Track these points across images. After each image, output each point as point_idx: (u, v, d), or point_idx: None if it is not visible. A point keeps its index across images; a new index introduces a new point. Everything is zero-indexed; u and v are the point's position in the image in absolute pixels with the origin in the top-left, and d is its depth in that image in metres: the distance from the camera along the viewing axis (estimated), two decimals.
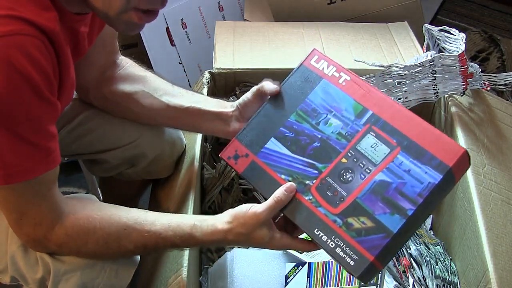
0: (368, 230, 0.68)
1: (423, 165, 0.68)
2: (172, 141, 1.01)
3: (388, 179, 0.70)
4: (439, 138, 0.69)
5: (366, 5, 1.45)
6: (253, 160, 0.77)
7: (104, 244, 0.71)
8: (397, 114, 0.72)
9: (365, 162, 0.72)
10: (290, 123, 0.78)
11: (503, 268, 0.80)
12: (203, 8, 1.62)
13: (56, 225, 0.70)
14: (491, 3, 2.22)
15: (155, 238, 0.72)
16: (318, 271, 0.87)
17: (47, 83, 0.63)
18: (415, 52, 1.25)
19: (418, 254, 0.95)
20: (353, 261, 0.67)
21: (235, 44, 1.26)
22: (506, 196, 0.92)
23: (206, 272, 0.97)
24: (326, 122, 0.76)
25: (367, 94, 0.75)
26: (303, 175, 0.74)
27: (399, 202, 0.68)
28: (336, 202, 0.71)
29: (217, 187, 1.06)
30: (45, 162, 0.67)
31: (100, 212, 0.73)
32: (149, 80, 0.92)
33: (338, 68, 0.78)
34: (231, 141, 0.80)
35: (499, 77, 1.18)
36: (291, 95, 0.80)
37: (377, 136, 0.72)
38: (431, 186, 0.67)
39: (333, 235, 0.69)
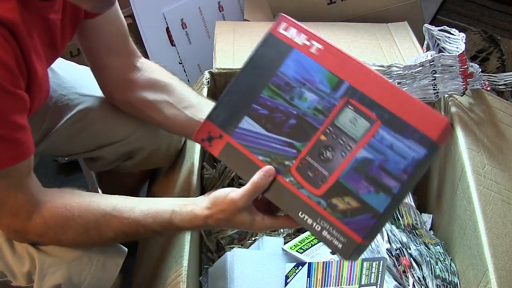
0: (354, 210, 0.65)
1: (406, 140, 0.64)
2: (169, 134, 1.00)
3: (370, 156, 0.66)
4: (420, 109, 0.65)
5: (366, 5, 1.45)
6: (228, 141, 0.72)
7: (84, 231, 0.71)
8: (376, 84, 0.67)
9: (345, 138, 0.67)
10: (263, 99, 0.72)
11: (503, 268, 0.80)
12: (203, 8, 1.62)
13: (33, 215, 0.70)
14: (491, 3, 2.21)
15: (135, 225, 0.72)
16: (318, 271, 0.87)
17: (8, 75, 0.61)
18: (415, 52, 1.25)
19: (418, 254, 0.95)
20: (340, 243, 0.65)
21: (235, 44, 1.26)
22: (506, 196, 0.92)
23: (206, 272, 0.97)
24: (301, 97, 0.70)
25: (342, 63, 0.70)
26: (282, 155, 0.70)
27: (383, 180, 0.64)
28: (318, 183, 0.67)
29: (217, 187, 1.06)
30: (14, 154, 0.66)
31: (78, 200, 0.72)
32: (174, 90, 0.91)
33: (309, 36, 0.72)
34: (203, 122, 0.74)
35: (499, 77, 1.18)
36: (261, 68, 0.73)
37: (356, 110, 0.68)
38: (416, 162, 0.64)
39: (318, 217, 0.66)
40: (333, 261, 0.86)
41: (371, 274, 0.84)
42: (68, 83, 0.93)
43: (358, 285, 0.87)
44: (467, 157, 0.95)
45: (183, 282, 0.75)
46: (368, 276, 0.84)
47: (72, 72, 0.88)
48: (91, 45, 0.86)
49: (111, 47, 0.87)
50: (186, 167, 0.99)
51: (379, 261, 0.84)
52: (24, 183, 0.69)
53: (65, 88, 0.93)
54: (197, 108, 0.90)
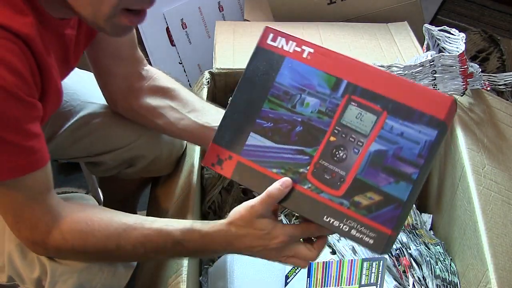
0: (378, 204, 0.65)
1: (415, 125, 0.65)
2: (171, 142, 1.00)
3: (383, 147, 0.66)
4: (422, 92, 0.65)
5: (366, 5, 1.45)
6: (239, 160, 0.72)
7: (102, 247, 0.70)
8: (373, 77, 0.68)
9: (354, 135, 0.67)
10: (265, 112, 0.72)
11: (503, 268, 0.80)
12: (203, 8, 1.62)
13: (53, 229, 0.69)
14: (491, 3, 2.22)
15: (155, 235, 0.70)
16: (318, 271, 0.87)
17: (22, 84, 0.61)
18: (415, 52, 1.25)
19: (418, 254, 0.95)
20: (371, 239, 0.65)
21: (235, 44, 1.26)
22: (506, 196, 0.92)
23: (206, 272, 0.97)
24: (302, 103, 0.70)
25: (335, 63, 0.70)
26: (295, 163, 0.69)
27: (401, 169, 0.65)
28: (337, 184, 0.67)
29: (217, 187, 1.06)
30: (29, 162, 0.66)
31: (99, 215, 0.72)
32: (177, 95, 0.91)
33: (298, 42, 0.72)
34: (209, 147, 0.74)
35: (499, 77, 1.18)
36: (256, 82, 0.73)
37: (359, 105, 0.68)
38: (429, 144, 0.64)
39: (344, 218, 0.66)
40: (333, 261, 0.86)
41: (371, 274, 0.84)
42: (70, 89, 0.93)
43: (358, 285, 0.87)
44: (467, 157, 0.95)
45: (183, 282, 0.75)
46: (368, 276, 0.84)
47: (74, 78, 0.88)
48: (99, 54, 0.86)
49: (119, 55, 0.87)
50: (186, 167, 0.99)
51: (379, 261, 0.84)
52: (43, 195, 0.69)
53: (68, 94, 0.93)
54: (200, 112, 0.89)
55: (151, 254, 0.72)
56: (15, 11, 0.60)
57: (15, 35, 0.60)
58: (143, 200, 1.38)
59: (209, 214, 1.08)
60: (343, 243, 0.97)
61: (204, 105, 0.91)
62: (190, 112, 0.89)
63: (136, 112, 0.91)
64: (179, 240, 0.70)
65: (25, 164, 0.65)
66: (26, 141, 0.64)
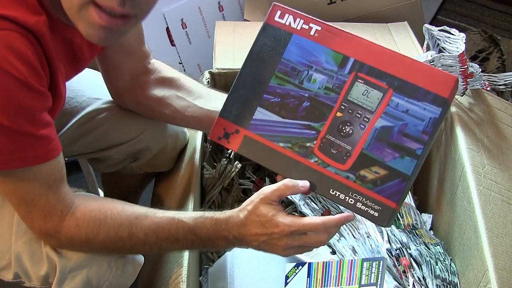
0: (383, 178, 0.67)
1: (420, 102, 0.67)
2: (175, 134, 1.01)
3: (389, 123, 0.68)
4: (427, 71, 0.68)
5: (366, 5, 1.45)
6: (246, 134, 0.73)
7: (115, 234, 0.71)
8: (380, 55, 0.70)
9: (361, 111, 0.69)
10: (272, 88, 0.73)
11: (503, 268, 0.80)
12: (203, 8, 1.62)
13: (67, 216, 0.70)
14: (491, 3, 2.21)
15: (167, 222, 0.71)
16: (318, 271, 0.86)
17: (34, 74, 0.62)
18: (415, 52, 1.25)
19: (418, 254, 0.95)
20: (377, 212, 0.67)
21: (235, 44, 1.26)
22: (506, 196, 0.92)
23: (206, 272, 0.97)
24: (310, 79, 0.72)
25: (343, 40, 0.72)
26: (302, 138, 0.71)
27: (406, 144, 0.67)
28: (343, 158, 0.69)
29: (217, 187, 1.06)
30: (46, 151, 0.66)
31: (112, 204, 0.73)
32: (182, 84, 0.92)
33: (306, 20, 0.74)
34: (216, 120, 0.75)
35: (499, 77, 1.18)
36: (264, 58, 0.74)
37: (366, 82, 0.70)
38: (433, 121, 0.66)
39: (349, 191, 0.68)
40: (333, 261, 0.86)
41: (371, 274, 0.84)
42: (75, 86, 0.94)
43: (358, 285, 0.87)
44: (467, 157, 0.95)
45: (183, 282, 0.75)
46: (368, 276, 0.84)
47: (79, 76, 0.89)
48: (108, 50, 0.87)
49: (128, 51, 0.88)
50: (187, 167, 0.99)
51: (379, 261, 0.84)
52: (57, 183, 0.69)
53: (73, 91, 0.93)
54: (206, 99, 0.90)
55: (163, 242, 0.72)
56: (30, 9, 0.61)
57: (26, 29, 0.61)
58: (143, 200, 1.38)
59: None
60: (343, 243, 0.97)
61: (209, 91, 0.93)
62: (196, 99, 0.90)
63: (143, 105, 0.93)
64: (191, 226, 0.71)
65: (41, 154, 0.66)
66: (41, 130, 0.65)
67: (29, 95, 0.62)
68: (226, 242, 0.71)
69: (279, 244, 0.69)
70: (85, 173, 1.42)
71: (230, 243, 0.71)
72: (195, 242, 0.72)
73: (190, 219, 0.71)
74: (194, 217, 0.72)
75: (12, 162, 0.64)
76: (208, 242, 0.72)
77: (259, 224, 0.68)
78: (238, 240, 0.71)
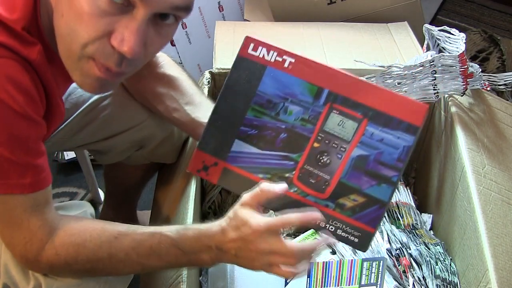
0: (362, 205, 0.69)
1: (394, 131, 0.69)
2: None
3: (365, 152, 0.70)
4: (400, 101, 0.70)
5: (366, 5, 1.45)
6: (225, 167, 0.74)
7: (94, 257, 0.69)
8: (353, 86, 0.71)
9: (337, 141, 0.71)
10: (249, 120, 0.74)
11: (503, 268, 0.80)
12: (203, 8, 1.62)
13: (46, 244, 0.68)
14: (491, 3, 2.22)
15: (148, 238, 0.69)
16: (318, 271, 0.86)
17: (31, 102, 0.62)
18: (415, 52, 1.25)
19: (418, 254, 0.95)
20: (356, 238, 0.69)
21: (235, 44, 1.26)
22: (506, 196, 0.92)
23: (206, 272, 0.97)
24: (286, 111, 0.73)
25: (317, 72, 0.73)
26: (280, 169, 0.72)
27: (382, 172, 0.69)
28: (322, 187, 0.71)
29: (217, 187, 1.06)
30: (36, 181, 0.66)
31: (92, 225, 0.71)
32: (180, 85, 0.92)
33: (279, 52, 0.75)
34: (194, 153, 0.76)
35: (499, 77, 1.17)
36: (239, 91, 0.75)
37: (341, 113, 0.71)
38: (407, 149, 0.69)
39: (329, 219, 0.70)
40: (333, 261, 0.86)
41: (371, 274, 0.84)
42: None
43: (358, 285, 0.87)
44: (467, 157, 0.95)
45: (183, 282, 0.75)
46: (368, 276, 0.84)
47: None
48: None
49: None
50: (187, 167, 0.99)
51: (379, 261, 0.84)
52: (41, 210, 0.68)
53: None
54: (195, 106, 0.91)
55: (144, 260, 0.69)
56: (23, 41, 0.62)
57: (22, 58, 0.61)
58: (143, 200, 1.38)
59: (209, 214, 1.08)
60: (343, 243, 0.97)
61: (202, 100, 0.93)
62: (186, 104, 0.91)
63: (141, 95, 0.94)
64: (173, 239, 0.69)
65: (31, 183, 0.65)
66: (35, 160, 0.65)
67: (25, 124, 0.62)
68: (210, 253, 0.68)
69: (252, 249, 0.66)
70: (85, 173, 1.42)
71: (213, 254, 0.68)
72: (178, 257, 0.69)
73: (172, 231, 0.69)
74: (176, 229, 0.70)
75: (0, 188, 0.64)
76: (192, 256, 0.69)
77: (235, 228, 0.67)
78: (219, 250, 0.68)
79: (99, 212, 1.40)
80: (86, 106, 0.95)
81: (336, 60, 1.20)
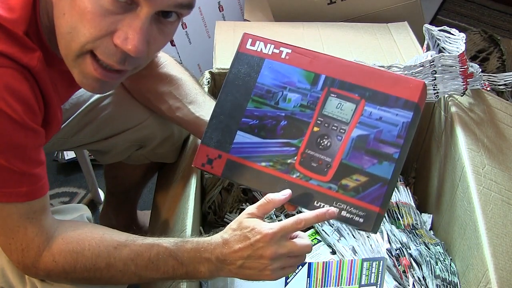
0: (364, 185, 0.70)
1: (392, 109, 0.70)
2: None
3: (364, 132, 0.71)
4: (395, 79, 0.71)
5: (366, 5, 1.45)
6: (228, 158, 0.76)
7: (92, 266, 0.69)
8: (349, 70, 0.73)
9: (336, 124, 0.73)
10: (249, 111, 0.77)
11: (503, 268, 0.80)
12: (203, 8, 1.62)
13: (44, 251, 0.68)
14: (491, 3, 2.22)
15: (146, 249, 0.69)
16: (318, 271, 0.86)
17: (29, 111, 0.62)
18: (415, 52, 1.25)
19: (418, 254, 0.95)
20: (361, 218, 0.69)
21: (235, 44, 1.25)
22: (506, 196, 0.92)
23: None
24: (285, 99, 0.76)
25: (313, 60, 0.75)
26: (282, 155, 0.74)
27: (383, 150, 0.70)
28: (324, 170, 0.72)
29: (217, 187, 1.06)
30: (32, 189, 0.66)
31: (91, 234, 0.70)
32: (182, 85, 0.93)
33: (276, 45, 0.78)
34: (198, 148, 0.78)
35: (499, 77, 1.17)
36: (239, 84, 0.78)
37: (339, 96, 0.73)
38: (406, 125, 0.70)
39: (333, 201, 0.70)
40: (333, 261, 0.86)
41: (371, 274, 0.84)
42: None
43: (358, 285, 0.87)
44: (467, 157, 0.95)
45: (183, 282, 0.75)
46: (368, 276, 0.84)
47: None
48: None
49: None
50: (187, 167, 0.99)
51: (379, 261, 0.84)
52: (38, 216, 0.68)
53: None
54: (200, 105, 0.92)
55: (142, 271, 0.69)
56: (23, 47, 0.62)
57: (21, 65, 0.61)
58: (143, 200, 1.38)
59: (209, 214, 1.08)
60: (343, 243, 0.97)
61: (205, 99, 0.94)
62: (190, 103, 0.91)
63: (143, 95, 0.95)
64: (171, 250, 0.69)
65: (28, 192, 0.65)
66: (31, 169, 0.65)
67: (23, 133, 0.62)
68: (209, 265, 0.68)
69: (265, 255, 0.65)
70: (85, 173, 1.42)
71: (213, 266, 0.68)
72: (176, 269, 0.69)
73: (170, 243, 0.70)
74: (175, 241, 0.70)
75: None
76: (190, 267, 0.69)
77: (242, 237, 0.66)
78: (221, 262, 0.68)
79: (99, 212, 1.40)
80: (86, 106, 0.95)
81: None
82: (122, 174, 1.17)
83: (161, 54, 0.94)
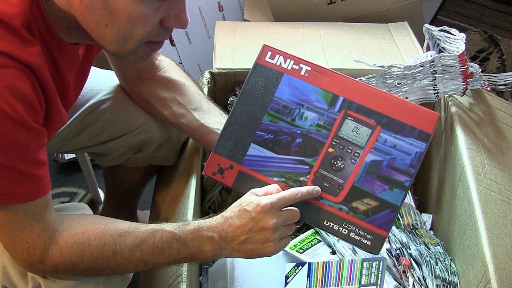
0: (374, 209, 0.71)
1: (406, 138, 0.72)
2: None
3: (378, 158, 0.73)
4: (412, 109, 0.73)
5: (366, 5, 1.45)
6: (240, 170, 0.76)
7: (99, 255, 0.70)
8: (367, 94, 0.74)
9: (351, 147, 0.74)
10: (265, 125, 0.77)
11: (503, 268, 0.80)
12: (203, 8, 1.62)
13: (50, 246, 0.69)
14: (491, 3, 2.22)
15: (150, 234, 0.71)
16: (318, 271, 0.86)
17: (30, 111, 0.63)
18: (415, 52, 1.25)
19: (418, 254, 0.95)
20: (369, 241, 0.71)
21: (235, 44, 1.26)
22: (506, 196, 0.92)
23: (206, 272, 0.97)
24: (302, 117, 0.76)
25: (332, 80, 0.76)
26: (295, 173, 0.75)
27: (395, 177, 0.72)
28: (336, 191, 0.73)
29: (217, 187, 1.06)
30: (34, 189, 0.66)
31: (95, 224, 0.72)
32: (186, 90, 0.93)
33: (296, 61, 0.78)
34: (210, 156, 0.78)
35: (499, 77, 1.17)
36: (256, 97, 0.78)
37: (355, 119, 0.74)
38: (419, 155, 0.72)
39: (343, 222, 0.72)
40: (333, 261, 0.86)
41: (371, 274, 0.84)
42: None
43: (358, 285, 0.87)
44: (467, 157, 0.95)
45: (183, 282, 0.75)
46: (368, 276, 0.84)
47: None
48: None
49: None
50: (187, 167, 0.99)
51: (379, 261, 0.84)
52: (42, 213, 0.68)
53: None
54: (203, 112, 0.92)
55: (148, 256, 0.71)
56: (23, 41, 0.62)
57: (22, 63, 0.61)
58: (143, 200, 1.38)
59: (209, 214, 1.08)
60: (343, 243, 0.97)
61: (209, 106, 0.94)
62: (194, 110, 0.92)
63: (145, 99, 0.95)
64: (174, 232, 0.71)
65: (29, 192, 0.66)
66: (32, 169, 0.65)
67: (24, 133, 0.63)
68: (212, 244, 0.70)
69: (266, 226, 0.68)
70: (85, 173, 1.42)
71: (216, 245, 0.70)
72: (180, 251, 0.71)
73: (172, 226, 0.72)
74: (177, 224, 0.72)
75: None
76: (194, 248, 0.71)
77: (242, 211, 0.70)
78: (223, 240, 0.70)
79: (99, 212, 1.40)
80: (85, 109, 0.94)
81: (336, 60, 1.20)
82: (122, 175, 1.17)
83: (162, 58, 0.94)
